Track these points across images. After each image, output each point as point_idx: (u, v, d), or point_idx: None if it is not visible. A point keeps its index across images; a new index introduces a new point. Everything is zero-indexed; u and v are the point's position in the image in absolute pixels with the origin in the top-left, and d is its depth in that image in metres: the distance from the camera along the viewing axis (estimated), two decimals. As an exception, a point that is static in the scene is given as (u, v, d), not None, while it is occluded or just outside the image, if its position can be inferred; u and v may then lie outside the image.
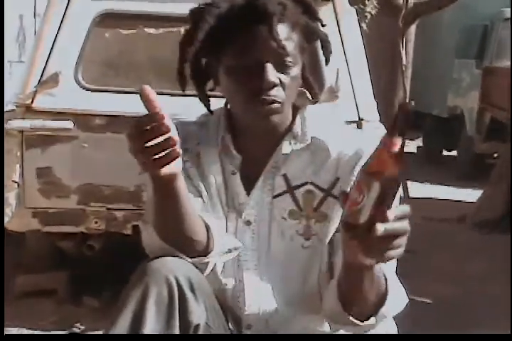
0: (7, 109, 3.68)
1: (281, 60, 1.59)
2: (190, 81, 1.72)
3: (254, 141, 1.70)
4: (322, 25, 1.70)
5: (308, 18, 1.66)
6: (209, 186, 1.69)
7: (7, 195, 3.62)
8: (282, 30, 1.58)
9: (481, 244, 5.89)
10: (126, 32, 3.91)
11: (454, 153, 10.54)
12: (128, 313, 1.50)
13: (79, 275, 4.16)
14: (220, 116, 1.73)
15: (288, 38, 1.59)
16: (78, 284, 4.12)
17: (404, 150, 1.26)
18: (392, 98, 6.94)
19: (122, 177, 3.60)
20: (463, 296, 4.51)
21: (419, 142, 11.85)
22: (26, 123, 3.61)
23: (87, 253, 4.05)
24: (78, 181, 3.71)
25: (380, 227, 1.24)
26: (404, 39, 6.90)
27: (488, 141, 8.89)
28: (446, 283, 4.75)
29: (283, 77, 1.59)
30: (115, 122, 3.57)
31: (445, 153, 11.09)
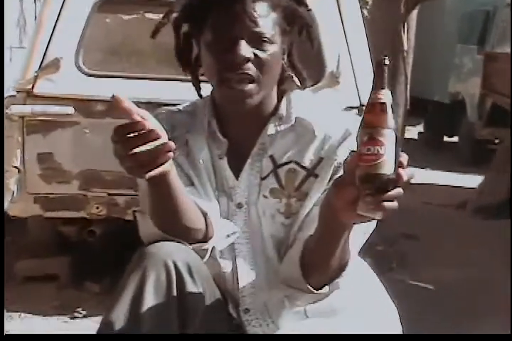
0: (8, 94, 3.68)
1: (256, 36, 1.59)
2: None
3: (240, 125, 1.70)
4: (308, 10, 1.70)
5: (291, 0, 1.66)
6: (199, 172, 1.69)
7: (8, 180, 3.63)
8: (259, 7, 1.59)
9: (481, 229, 5.90)
10: (127, 17, 3.90)
11: (455, 138, 10.54)
12: (127, 297, 1.51)
13: (80, 261, 4.17)
14: (206, 102, 1.74)
15: (265, 16, 1.59)
16: (79, 269, 4.13)
17: (391, 100, 1.30)
18: (393, 84, 6.92)
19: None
20: (464, 282, 4.52)
21: (421, 128, 11.85)
22: (27, 108, 3.61)
23: (89, 238, 4.06)
24: (79, 167, 3.72)
25: (405, 174, 1.28)
26: (405, 25, 6.86)
27: (489, 127, 8.89)
28: (448, 268, 4.76)
29: (259, 52, 1.59)
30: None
31: (446, 138, 11.09)
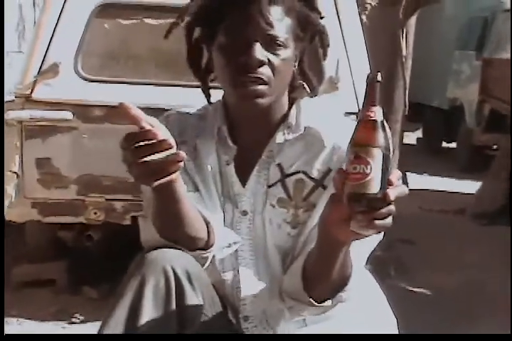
0: (7, 99, 3.68)
1: (270, 39, 1.59)
2: (190, 69, 1.73)
3: (250, 132, 1.70)
4: (321, 17, 1.70)
5: (304, 6, 1.66)
6: (205, 177, 1.69)
7: (6, 185, 3.63)
8: (274, 11, 1.59)
9: (479, 235, 5.90)
10: (126, 22, 3.90)
11: (454, 144, 10.54)
12: (125, 303, 1.50)
13: (78, 266, 4.17)
14: (217, 107, 1.73)
15: (279, 20, 1.59)
16: (77, 274, 4.12)
17: (382, 118, 1.30)
18: (392, 89, 6.92)
19: (121, 168, 3.58)
20: (462, 287, 4.52)
21: (419, 133, 11.85)
22: (26, 113, 3.61)
23: (86, 243, 4.06)
24: (77, 172, 3.71)
25: (392, 194, 1.28)
26: (404, 30, 6.87)
27: (487, 133, 8.88)
28: (445, 274, 4.76)
29: (272, 57, 1.59)
30: (115, 113, 3.57)
31: (445, 144, 11.09)
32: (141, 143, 1.35)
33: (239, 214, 1.70)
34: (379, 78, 1.32)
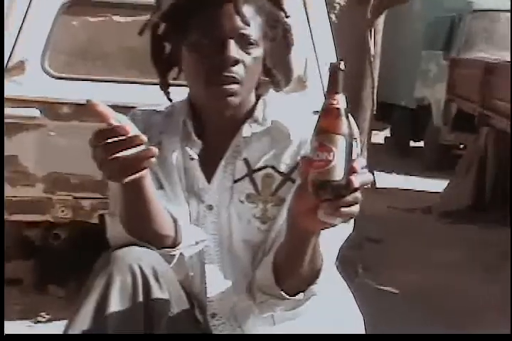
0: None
1: (243, 38, 1.59)
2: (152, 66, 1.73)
3: (216, 128, 1.70)
4: (286, 16, 1.71)
5: (273, 6, 1.67)
6: (169, 173, 1.68)
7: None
8: (247, 10, 1.59)
9: (446, 234, 5.95)
10: (93, 20, 3.88)
11: (421, 143, 10.61)
12: (92, 301, 1.50)
13: (45, 264, 4.14)
14: (184, 104, 1.73)
15: (252, 19, 1.60)
16: (44, 273, 4.09)
17: (346, 105, 1.31)
18: (360, 88, 6.95)
19: (89, 166, 3.54)
20: (429, 286, 4.55)
21: (387, 132, 11.92)
22: (-8, 111, 3.57)
23: (53, 242, 4.03)
24: (45, 170, 3.69)
25: (356, 180, 1.28)
26: (372, 30, 6.91)
27: (454, 132, 8.95)
28: (412, 272, 4.79)
29: (245, 55, 1.60)
30: (82, 110, 3.55)
31: (412, 143, 11.16)
32: (111, 140, 1.35)
33: (204, 208, 1.69)
34: (342, 66, 1.32)
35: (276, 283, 1.56)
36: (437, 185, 7.61)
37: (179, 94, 1.75)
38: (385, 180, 8.03)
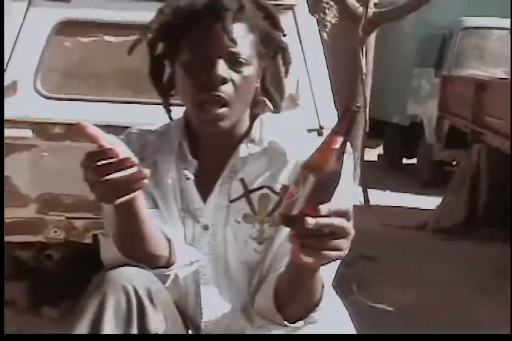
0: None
1: (233, 57, 1.58)
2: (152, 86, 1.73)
3: (212, 148, 1.69)
4: (283, 35, 1.71)
5: (268, 24, 1.67)
6: (164, 193, 1.68)
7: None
8: (238, 28, 1.59)
9: (440, 250, 5.94)
10: (86, 40, 3.88)
11: (414, 160, 10.63)
12: (85, 323, 1.48)
13: (37, 286, 4.11)
14: (179, 123, 1.73)
15: (243, 37, 1.59)
16: (37, 294, 4.07)
17: (344, 150, 1.30)
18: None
19: (82, 186, 3.54)
20: (423, 303, 4.53)
21: (380, 150, 11.94)
22: (-16, 131, 3.57)
23: (46, 263, 4.00)
24: (37, 190, 3.68)
25: (310, 220, 1.26)
26: (364, 48, 6.95)
27: (447, 149, 8.98)
28: (407, 290, 4.78)
29: (234, 74, 1.59)
30: (75, 130, 3.54)
31: (405, 160, 11.18)
32: (102, 162, 1.34)
33: (200, 228, 1.69)
34: (355, 108, 1.32)
35: (277, 309, 1.56)
36: (431, 202, 7.61)
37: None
38: (379, 197, 8.04)
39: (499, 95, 6.14)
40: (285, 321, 1.55)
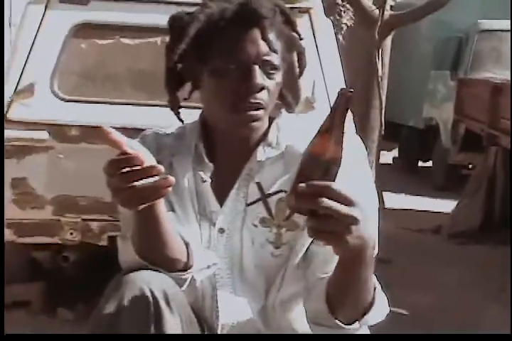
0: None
1: (267, 64, 1.60)
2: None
3: (229, 151, 1.70)
4: (300, 39, 1.71)
5: (288, 29, 1.67)
6: (181, 196, 1.68)
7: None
8: (271, 36, 1.60)
9: (455, 254, 5.92)
10: (102, 42, 3.90)
11: (430, 163, 10.59)
12: (103, 325, 1.49)
13: (53, 287, 4.13)
14: (195, 126, 1.73)
15: (275, 44, 1.61)
16: (53, 296, 4.08)
17: (342, 134, 1.31)
18: (368, 109, 6.96)
19: (98, 188, 3.55)
20: (439, 306, 4.52)
21: (395, 153, 11.91)
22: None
23: (62, 264, 4.02)
24: (53, 192, 3.69)
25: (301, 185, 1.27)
26: (380, 50, 6.92)
27: (462, 152, 8.95)
28: (422, 293, 4.76)
29: (268, 81, 1.61)
30: (91, 133, 3.56)
31: (421, 163, 11.15)
32: (127, 169, 1.34)
33: (216, 231, 1.69)
34: (349, 93, 1.31)
35: (330, 312, 1.53)
36: (446, 205, 7.58)
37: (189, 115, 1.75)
38: (394, 200, 8.01)
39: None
40: (340, 323, 1.52)
